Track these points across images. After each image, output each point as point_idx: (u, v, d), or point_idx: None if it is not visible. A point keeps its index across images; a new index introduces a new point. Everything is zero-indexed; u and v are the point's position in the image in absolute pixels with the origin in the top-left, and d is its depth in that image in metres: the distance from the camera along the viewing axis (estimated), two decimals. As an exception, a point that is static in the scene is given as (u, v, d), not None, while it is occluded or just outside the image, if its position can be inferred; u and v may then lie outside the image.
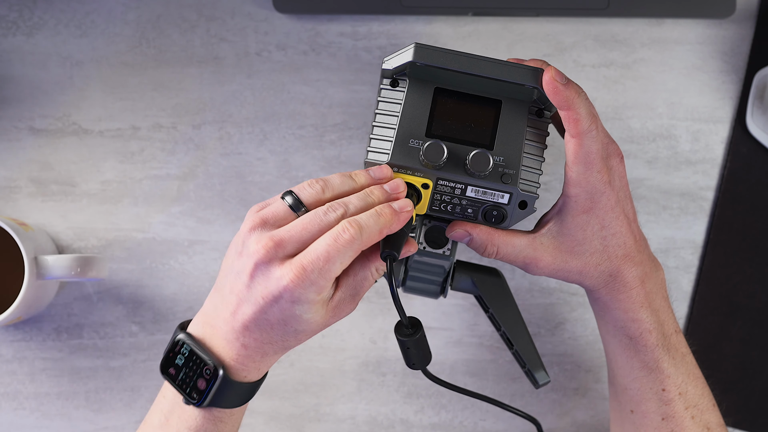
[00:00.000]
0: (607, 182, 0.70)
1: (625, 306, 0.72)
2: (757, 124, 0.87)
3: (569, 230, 0.71)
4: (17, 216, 0.88)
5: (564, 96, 0.68)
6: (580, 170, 0.69)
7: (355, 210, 0.65)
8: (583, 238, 0.71)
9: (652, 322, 0.72)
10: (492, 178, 0.70)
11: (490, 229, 0.71)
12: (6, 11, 0.89)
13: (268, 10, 0.89)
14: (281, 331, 0.66)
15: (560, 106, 0.68)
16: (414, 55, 0.69)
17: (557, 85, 0.68)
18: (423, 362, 0.69)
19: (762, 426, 0.87)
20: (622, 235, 0.71)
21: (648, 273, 0.73)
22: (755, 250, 0.88)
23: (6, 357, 0.87)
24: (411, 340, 0.68)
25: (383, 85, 0.71)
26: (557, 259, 0.71)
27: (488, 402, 0.75)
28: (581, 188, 0.70)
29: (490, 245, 0.71)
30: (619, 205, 0.71)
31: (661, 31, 0.89)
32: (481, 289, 0.76)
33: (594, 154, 0.69)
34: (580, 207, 0.70)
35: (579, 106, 0.68)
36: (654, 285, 0.73)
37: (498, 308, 0.76)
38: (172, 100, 0.88)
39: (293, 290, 0.63)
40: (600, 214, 0.70)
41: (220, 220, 0.88)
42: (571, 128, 0.69)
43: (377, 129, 0.70)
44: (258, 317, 0.65)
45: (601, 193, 0.70)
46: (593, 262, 0.71)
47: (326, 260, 0.63)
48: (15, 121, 0.88)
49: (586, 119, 0.68)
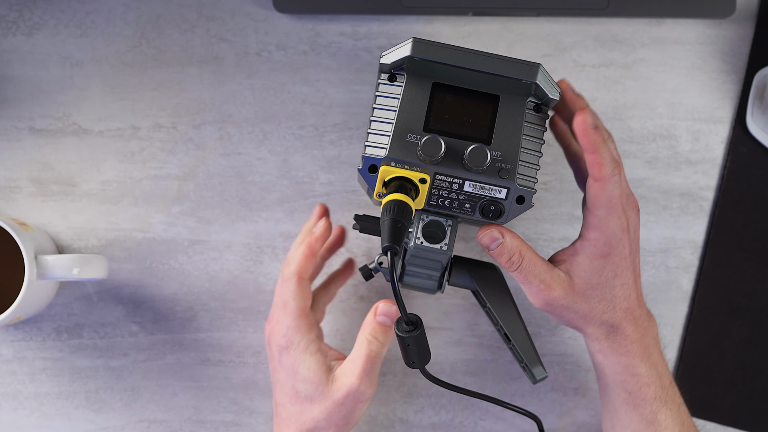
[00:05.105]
0: (625, 230, 0.71)
1: (625, 360, 0.73)
2: (757, 124, 0.87)
3: (585, 273, 0.72)
4: (17, 216, 0.88)
5: (592, 140, 0.68)
6: (602, 215, 0.70)
7: None
8: (597, 283, 0.72)
9: (651, 376, 0.73)
10: (489, 173, 0.69)
11: (522, 239, 0.72)
12: (6, 11, 0.89)
13: (268, 10, 0.89)
14: (292, 394, 0.75)
15: (587, 150, 0.69)
16: (412, 50, 0.69)
17: (587, 128, 0.68)
18: (422, 361, 0.69)
19: (762, 426, 0.87)
20: (628, 287, 0.72)
21: (646, 328, 0.74)
22: (755, 250, 0.88)
23: (6, 357, 0.87)
24: (411, 336, 0.68)
25: (381, 79, 0.71)
26: (567, 296, 0.72)
27: (487, 400, 0.75)
28: (601, 233, 0.70)
29: (518, 255, 0.71)
30: (632, 256, 0.72)
31: (661, 31, 0.89)
32: (479, 284, 0.76)
33: (616, 199, 0.70)
34: (597, 251, 0.71)
35: (604, 151, 0.69)
36: (651, 339, 0.74)
37: (496, 304, 0.76)
38: (172, 100, 0.88)
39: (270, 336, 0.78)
40: (615, 261, 0.71)
41: (220, 220, 0.88)
42: (594, 172, 0.69)
43: (375, 124, 0.70)
44: (273, 381, 0.78)
45: (619, 240, 0.71)
46: (600, 309, 0.72)
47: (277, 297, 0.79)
48: (15, 121, 0.88)
49: (610, 164, 0.69)
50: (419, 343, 0.68)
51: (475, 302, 0.88)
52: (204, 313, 0.88)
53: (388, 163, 0.70)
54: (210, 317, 0.88)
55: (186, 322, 0.88)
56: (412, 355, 0.69)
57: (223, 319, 0.88)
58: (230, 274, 0.88)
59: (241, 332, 0.88)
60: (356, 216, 0.75)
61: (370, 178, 0.71)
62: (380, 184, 0.70)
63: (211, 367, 0.87)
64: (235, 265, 0.88)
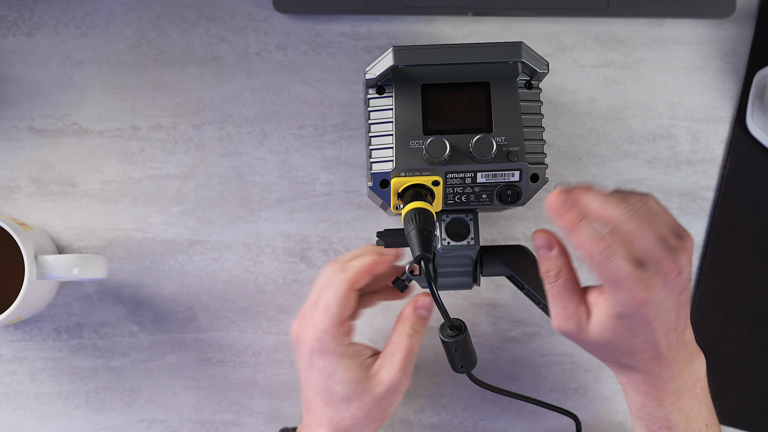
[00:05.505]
0: (643, 300, 0.65)
1: (644, 401, 0.70)
2: (757, 124, 0.87)
3: (598, 326, 0.68)
4: (17, 216, 0.88)
5: (563, 223, 0.66)
6: (608, 289, 0.66)
7: None
8: (610, 340, 0.67)
9: (674, 420, 0.69)
10: (498, 159, 0.69)
11: (568, 257, 0.68)
12: (6, 11, 0.89)
13: (268, 10, 0.89)
14: (326, 395, 0.74)
15: (565, 231, 0.66)
16: (394, 59, 0.69)
17: (558, 209, 0.66)
18: (469, 365, 0.70)
19: (762, 426, 0.87)
20: (653, 341, 0.67)
21: (677, 374, 0.69)
22: (755, 250, 0.88)
23: (6, 357, 0.87)
24: (456, 341, 0.68)
25: (370, 94, 0.71)
26: (581, 335, 0.69)
27: (531, 402, 0.76)
28: (615, 301, 0.66)
29: (555, 273, 0.68)
30: (661, 316, 0.66)
31: (661, 31, 0.89)
32: (513, 269, 0.76)
33: (617, 274, 0.64)
34: (612, 312, 0.66)
35: (580, 231, 0.65)
36: (684, 383, 0.69)
37: (533, 283, 0.75)
38: (172, 100, 0.88)
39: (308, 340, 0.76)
40: (633, 324, 0.66)
41: (220, 220, 0.88)
42: (580, 251, 0.65)
43: (375, 139, 0.70)
44: (303, 379, 0.77)
45: (636, 308, 0.65)
46: (615, 356, 0.69)
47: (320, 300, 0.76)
48: (15, 121, 0.88)
49: (591, 243, 0.64)
50: (465, 348, 0.69)
51: (475, 302, 0.88)
52: (204, 313, 0.88)
53: (397, 174, 0.70)
54: (210, 317, 0.88)
55: (186, 322, 0.88)
56: (459, 359, 0.69)
57: (223, 319, 0.88)
58: (230, 274, 0.88)
59: (241, 332, 0.88)
60: (379, 233, 0.75)
61: (384, 193, 0.71)
62: (395, 196, 0.70)
63: (211, 367, 0.87)
64: (235, 265, 0.88)
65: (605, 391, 0.88)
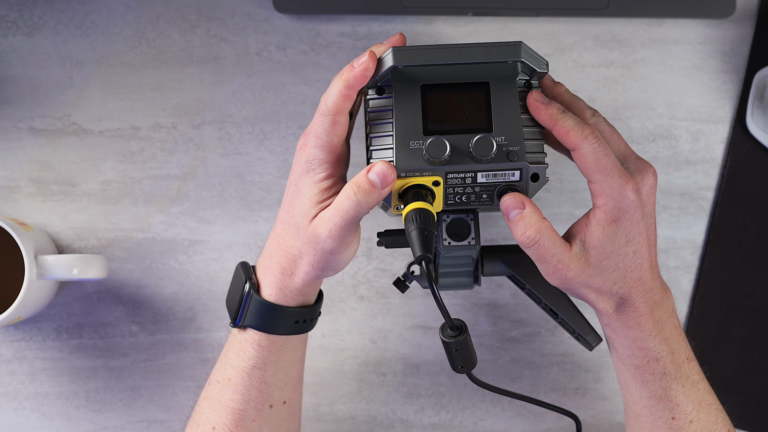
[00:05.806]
0: (634, 191, 0.68)
1: (634, 334, 0.71)
2: (757, 124, 0.87)
3: (598, 242, 0.69)
4: (17, 216, 0.88)
5: (548, 114, 0.68)
6: (600, 179, 0.68)
7: None
8: (611, 251, 0.69)
9: (661, 351, 0.71)
10: (499, 159, 0.69)
11: (541, 215, 0.69)
12: (6, 11, 0.89)
13: (268, 10, 0.89)
14: (288, 214, 0.71)
15: (548, 126, 0.68)
16: (394, 60, 0.69)
17: (538, 105, 0.68)
18: (469, 365, 0.69)
19: (762, 426, 0.87)
20: (640, 256, 0.70)
21: (658, 301, 0.71)
22: (755, 250, 0.88)
23: (6, 357, 0.88)
24: (457, 342, 0.68)
25: (369, 95, 0.71)
26: (584, 273, 0.70)
27: (531, 402, 0.75)
28: (607, 197, 0.68)
29: (535, 230, 0.69)
30: (645, 221, 0.70)
31: (661, 31, 0.89)
32: (514, 268, 0.76)
33: (605, 160, 0.68)
34: (607, 217, 0.69)
35: (564, 120, 0.68)
36: (664, 313, 0.72)
37: (534, 283, 0.76)
38: (172, 100, 0.88)
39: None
40: (627, 226, 0.69)
41: (220, 220, 0.88)
42: (566, 142, 0.68)
43: (375, 139, 0.70)
44: (286, 189, 0.74)
45: (629, 203, 0.68)
46: (611, 279, 0.70)
47: None
48: (15, 121, 0.88)
49: (576, 130, 0.68)
50: (465, 348, 0.69)
51: (475, 302, 0.88)
52: (204, 313, 0.88)
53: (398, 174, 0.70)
54: (210, 317, 0.88)
55: (186, 322, 0.88)
56: (459, 359, 0.69)
57: (223, 319, 0.88)
58: (230, 274, 0.88)
59: (241, 332, 0.88)
60: (379, 233, 0.75)
61: None
62: (395, 197, 0.70)
63: (211, 367, 0.87)
64: (235, 265, 0.88)
65: (605, 391, 0.88)
